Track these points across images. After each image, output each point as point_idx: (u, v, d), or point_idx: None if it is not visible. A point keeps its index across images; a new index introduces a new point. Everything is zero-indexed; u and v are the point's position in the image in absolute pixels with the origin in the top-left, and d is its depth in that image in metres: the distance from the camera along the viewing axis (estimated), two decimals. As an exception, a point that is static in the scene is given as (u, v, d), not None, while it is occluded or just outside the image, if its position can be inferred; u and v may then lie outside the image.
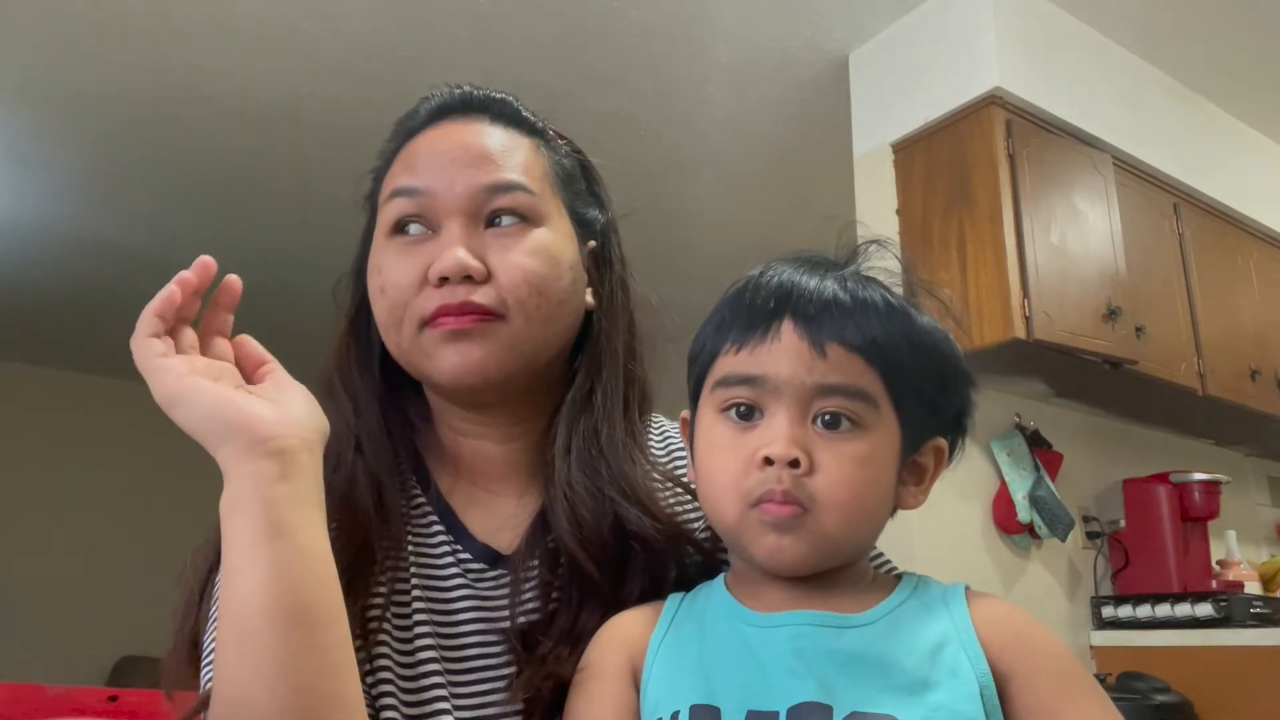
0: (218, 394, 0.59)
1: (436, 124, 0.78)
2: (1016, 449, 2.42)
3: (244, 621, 0.55)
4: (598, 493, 0.73)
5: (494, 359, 0.72)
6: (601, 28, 2.52)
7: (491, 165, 0.75)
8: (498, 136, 0.77)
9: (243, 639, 0.54)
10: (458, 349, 0.71)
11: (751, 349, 0.62)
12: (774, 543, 0.60)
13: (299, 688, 0.54)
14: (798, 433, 0.60)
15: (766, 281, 0.64)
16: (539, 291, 0.73)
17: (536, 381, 0.77)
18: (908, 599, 0.62)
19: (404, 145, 0.79)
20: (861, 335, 0.61)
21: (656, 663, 0.63)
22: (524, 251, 0.73)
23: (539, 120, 0.82)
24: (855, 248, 0.68)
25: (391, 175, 0.77)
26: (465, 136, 0.76)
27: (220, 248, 2.70)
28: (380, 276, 0.74)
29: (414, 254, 0.73)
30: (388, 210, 0.75)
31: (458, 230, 0.72)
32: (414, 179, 0.74)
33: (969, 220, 2.27)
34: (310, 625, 0.55)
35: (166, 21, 2.48)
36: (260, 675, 0.54)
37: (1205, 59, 2.74)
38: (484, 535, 0.75)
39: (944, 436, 0.67)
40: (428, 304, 0.72)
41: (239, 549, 0.56)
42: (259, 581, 0.55)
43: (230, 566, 0.56)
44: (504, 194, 0.74)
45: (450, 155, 0.74)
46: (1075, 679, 0.59)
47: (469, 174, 0.74)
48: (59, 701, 2.13)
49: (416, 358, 0.74)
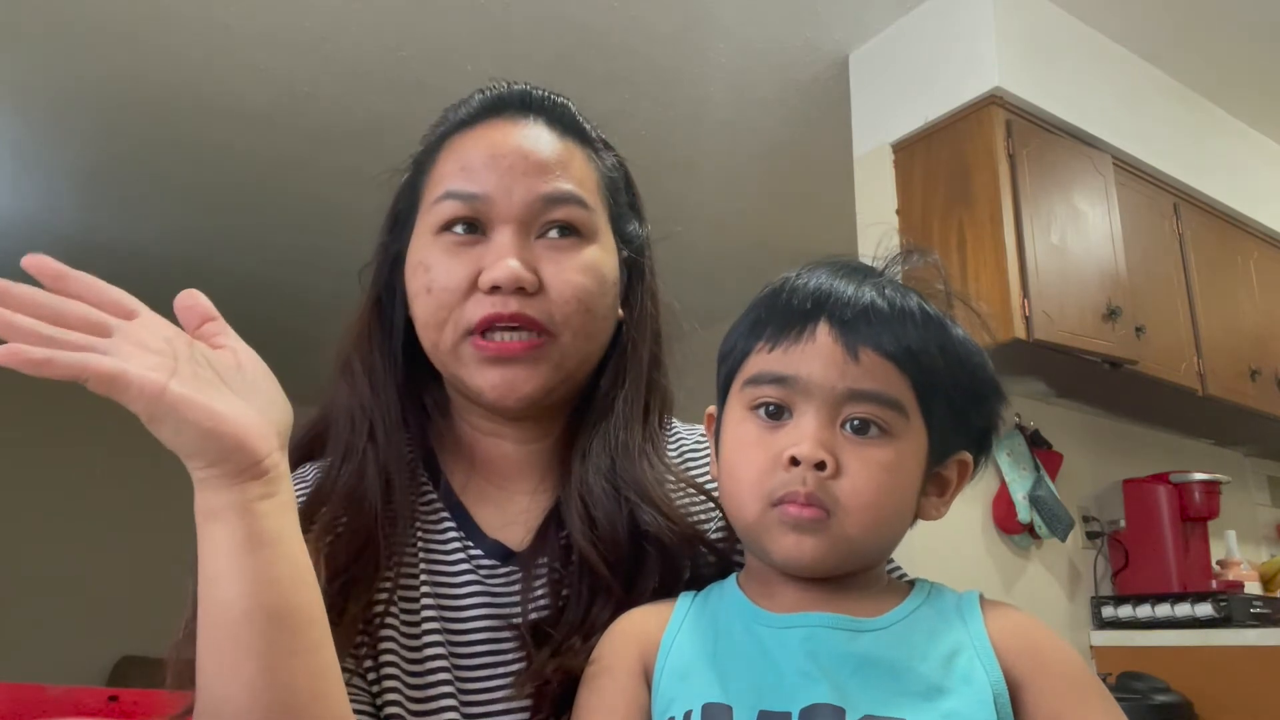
0: (202, 412, 0.53)
1: (490, 120, 0.77)
2: (1016, 449, 2.43)
3: (226, 627, 0.54)
4: (613, 493, 0.73)
5: (538, 381, 0.72)
6: (601, 28, 2.52)
7: (549, 175, 0.74)
8: (555, 144, 0.76)
9: (225, 643, 0.54)
10: (501, 372, 0.71)
11: (785, 349, 0.62)
12: (793, 542, 0.60)
13: (283, 688, 0.54)
14: (825, 435, 0.60)
15: (804, 284, 0.64)
16: (587, 309, 0.73)
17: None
18: (922, 605, 0.62)
19: (453, 135, 0.77)
20: (897, 343, 0.61)
21: (669, 660, 0.62)
22: (576, 268, 0.73)
23: (592, 128, 0.81)
24: (891, 255, 0.68)
25: (442, 171, 0.76)
26: (523, 141, 0.75)
27: (220, 247, 2.72)
28: (427, 275, 0.73)
29: (463, 256, 0.72)
30: (439, 209, 0.74)
31: (510, 238, 0.72)
32: (470, 183, 0.73)
33: (969, 220, 2.27)
34: (293, 628, 0.55)
35: (167, 21, 2.48)
36: (243, 677, 0.54)
37: (1205, 59, 2.74)
38: (495, 531, 0.75)
39: (970, 451, 0.67)
40: (476, 311, 0.71)
41: (220, 556, 0.55)
42: (243, 588, 0.54)
43: (211, 572, 0.55)
44: (560, 206, 0.74)
45: (509, 161, 0.73)
46: (1089, 689, 0.59)
47: (527, 182, 0.73)
48: (59, 701, 2.13)
49: (454, 363, 0.73)
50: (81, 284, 0.55)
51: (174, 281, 2.28)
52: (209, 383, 0.55)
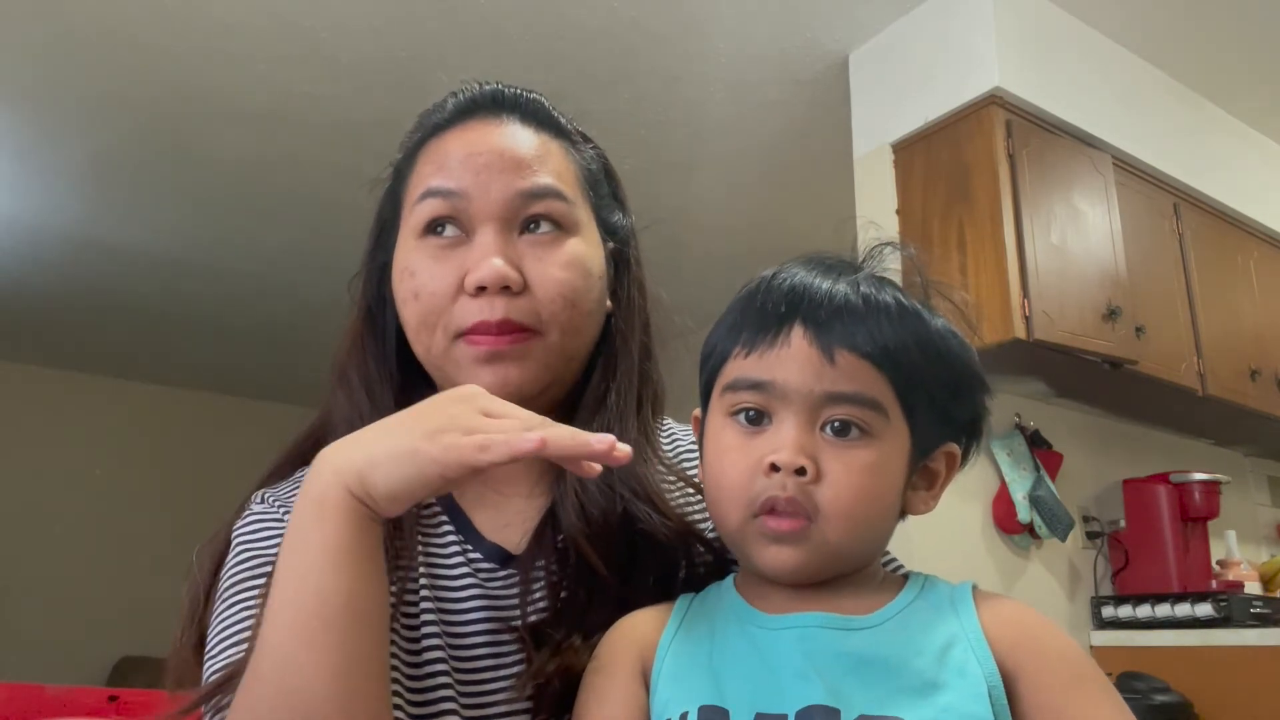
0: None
1: (465, 121, 0.77)
2: (1016, 449, 2.43)
3: (321, 618, 0.56)
4: (608, 490, 0.73)
5: (529, 376, 0.72)
6: (601, 28, 2.52)
7: (527, 170, 0.74)
8: (531, 139, 0.76)
9: (316, 633, 0.56)
10: (493, 370, 0.71)
11: (761, 354, 0.62)
12: (774, 553, 0.60)
13: (359, 682, 0.56)
14: (805, 440, 0.60)
15: (779, 284, 0.63)
16: (573, 304, 0.73)
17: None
18: (915, 599, 0.62)
19: (430, 140, 0.77)
20: (873, 342, 0.60)
21: (666, 663, 0.62)
22: (560, 263, 0.73)
23: (568, 121, 0.81)
24: (869, 249, 0.67)
25: (421, 173, 0.76)
26: (499, 139, 0.75)
27: (221, 247, 2.72)
28: (414, 281, 0.73)
29: (448, 260, 0.73)
30: (419, 210, 0.74)
31: (492, 237, 0.72)
32: (447, 180, 0.73)
33: (969, 220, 2.27)
34: (375, 631, 0.58)
35: (167, 22, 2.48)
36: (326, 667, 0.55)
37: (1205, 59, 2.74)
38: (493, 534, 0.75)
39: (957, 442, 0.66)
40: (465, 315, 0.71)
41: (324, 552, 0.57)
42: (343, 586, 0.56)
43: (308, 564, 0.57)
44: (540, 200, 0.73)
45: (485, 159, 0.73)
46: (1085, 677, 0.58)
47: (504, 179, 0.73)
48: (59, 701, 2.13)
49: (448, 366, 0.73)
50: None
51: (174, 281, 2.30)
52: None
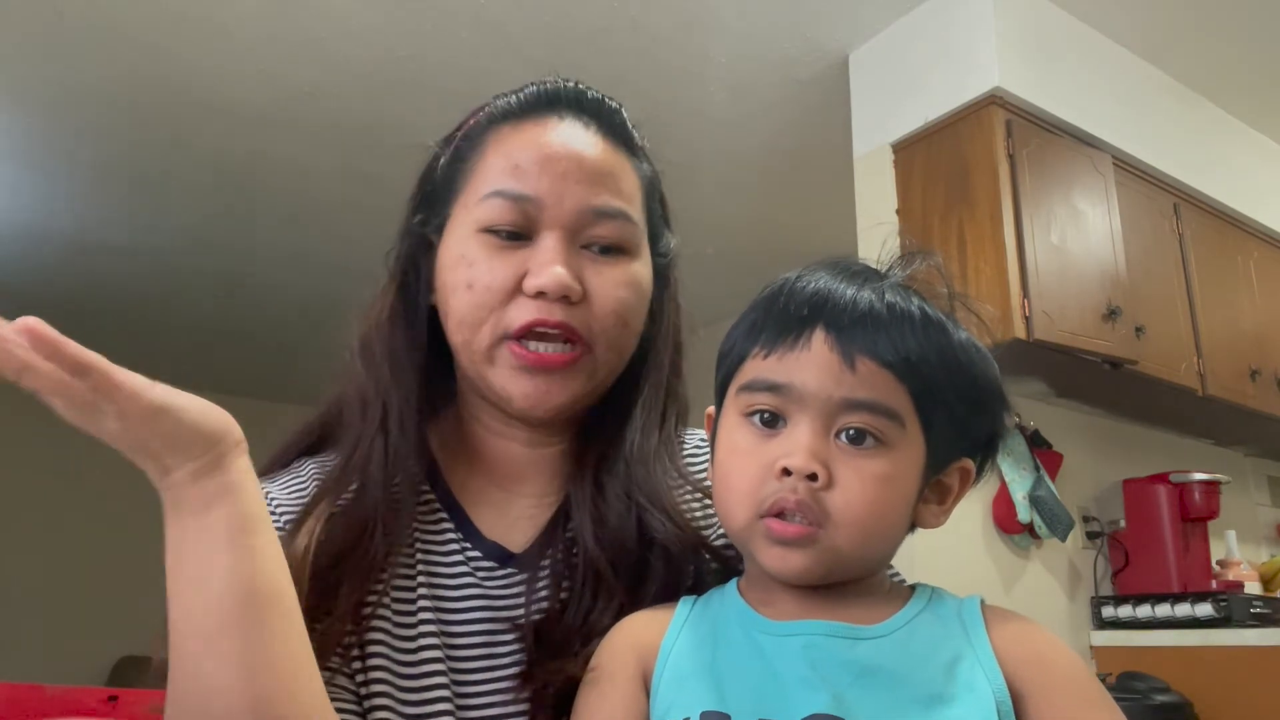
0: (187, 397, 0.54)
1: (543, 116, 0.75)
2: (1016, 449, 2.42)
3: (225, 613, 0.54)
4: (624, 497, 0.73)
5: (570, 394, 0.72)
6: (601, 28, 2.52)
7: (602, 186, 0.73)
8: (609, 153, 0.75)
9: (224, 630, 0.54)
10: (534, 382, 0.71)
11: (780, 356, 0.61)
12: (779, 554, 0.60)
13: (267, 670, 0.54)
14: (819, 445, 0.59)
15: (802, 287, 0.62)
16: (625, 323, 0.73)
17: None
18: (922, 611, 0.61)
19: (501, 125, 0.75)
20: (894, 351, 0.59)
21: (668, 667, 0.62)
22: (620, 282, 0.73)
23: (640, 136, 0.80)
24: (897, 257, 0.66)
25: (491, 164, 0.73)
26: (578, 146, 0.73)
27: (220, 248, 2.73)
28: (470, 271, 0.71)
29: (508, 257, 0.71)
30: (487, 207, 0.72)
31: (557, 245, 0.71)
32: (522, 185, 0.71)
33: (969, 220, 2.27)
34: (285, 611, 0.56)
35: (166, 22, 2.48)
36: (232, 663, 0.53)
37: (1205, 59, 2.74)
38: (494, 533, 0.75)
39: (972, 457, 0.65)
40: (519, 315, 0.70)
41: (216, 540, 0.55)
42: (245, 571, 0.54)
43: (204, 558, 0.55)
44: (610, 221, 0.73)
45: (563, 166, 0.72)
46: (1093, 699, 0.58)
47: (579, 190, 0.72)
48: (59, 701, 2.13)
49: (485, 365, 0.72)
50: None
51: (174, 281, 2.31)
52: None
